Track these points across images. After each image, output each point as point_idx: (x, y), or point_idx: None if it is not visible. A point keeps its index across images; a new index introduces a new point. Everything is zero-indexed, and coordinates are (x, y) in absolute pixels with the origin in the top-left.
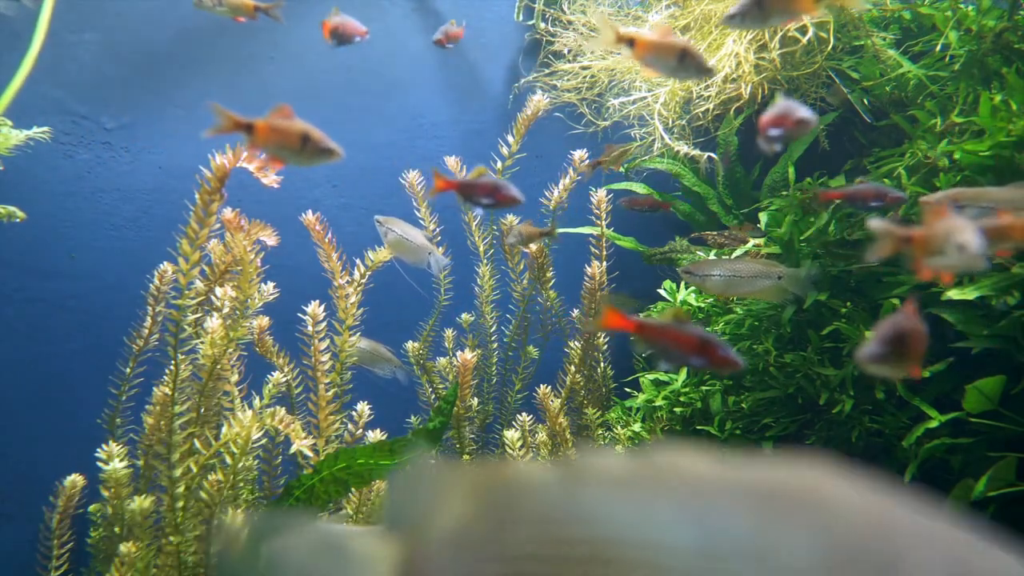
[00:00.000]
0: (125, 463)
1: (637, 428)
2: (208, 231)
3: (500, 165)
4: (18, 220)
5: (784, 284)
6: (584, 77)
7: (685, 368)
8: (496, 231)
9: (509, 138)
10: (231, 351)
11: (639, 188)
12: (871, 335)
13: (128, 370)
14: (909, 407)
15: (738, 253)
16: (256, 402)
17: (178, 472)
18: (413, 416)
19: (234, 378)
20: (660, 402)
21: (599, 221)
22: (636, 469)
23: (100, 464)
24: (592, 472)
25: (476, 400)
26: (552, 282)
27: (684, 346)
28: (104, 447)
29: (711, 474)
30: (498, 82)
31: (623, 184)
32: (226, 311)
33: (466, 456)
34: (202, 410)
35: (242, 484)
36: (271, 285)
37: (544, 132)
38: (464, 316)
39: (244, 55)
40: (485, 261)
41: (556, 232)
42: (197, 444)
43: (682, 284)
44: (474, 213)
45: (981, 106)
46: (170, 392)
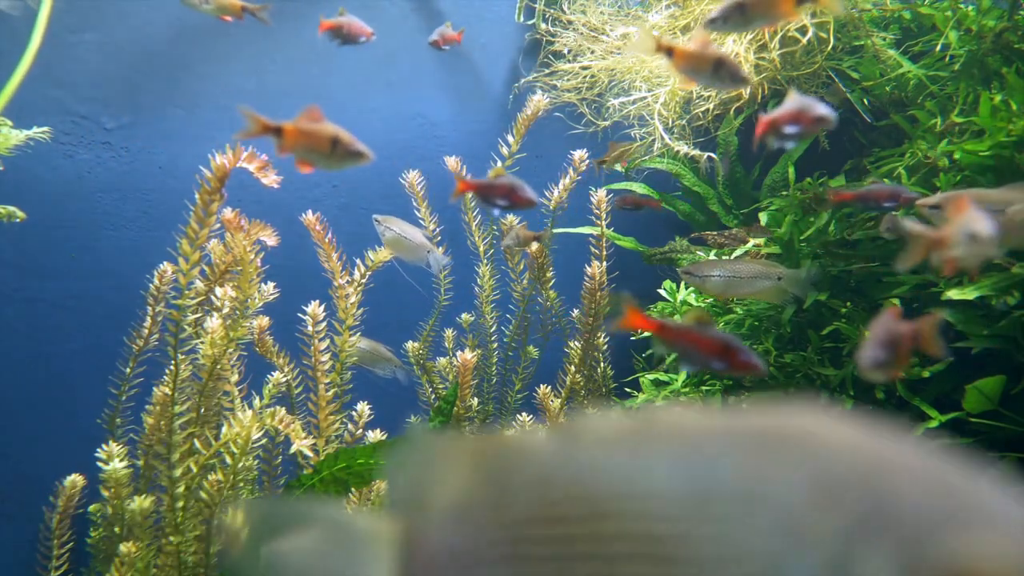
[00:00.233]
0: (125, 463)
1: None
2: (208, 231)
3: (500, 165)
4: (18, 220)
5: (784, 285)
6: (584, 77)
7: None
8: (496, 231)
9: (509, 138)
10: (231, 351)
11: (639, 188)
12: (867, 339)
13: (128, 370)
14: (909, 407)
15: (738, 253)
16: (256, 402)
17: (178, 472)
18: (413, 416)
19: (234, 378)
20: (660, 402)
21: (599, 221)
22: (628, 426)
23: (100, 464)
24: (586, 433)
25: (476, 400)
26: (552, 282)
27: (705, 349)
28: (104, 447)
29: (700, 424)
30: (498, 82)
31: (623, 184)
32: (226, 311)
33: None
34: (202, 410)
35: (242, 484)
36: (271, 285)
37: (544, 132)
38: (464, 316)
39: (245, 55)
40: (485, 261)
41: (549, 236)
42: (197, 444)
43: (682, 284)
44: (493, 214)
45: (981, 106)
46: (170, 392)
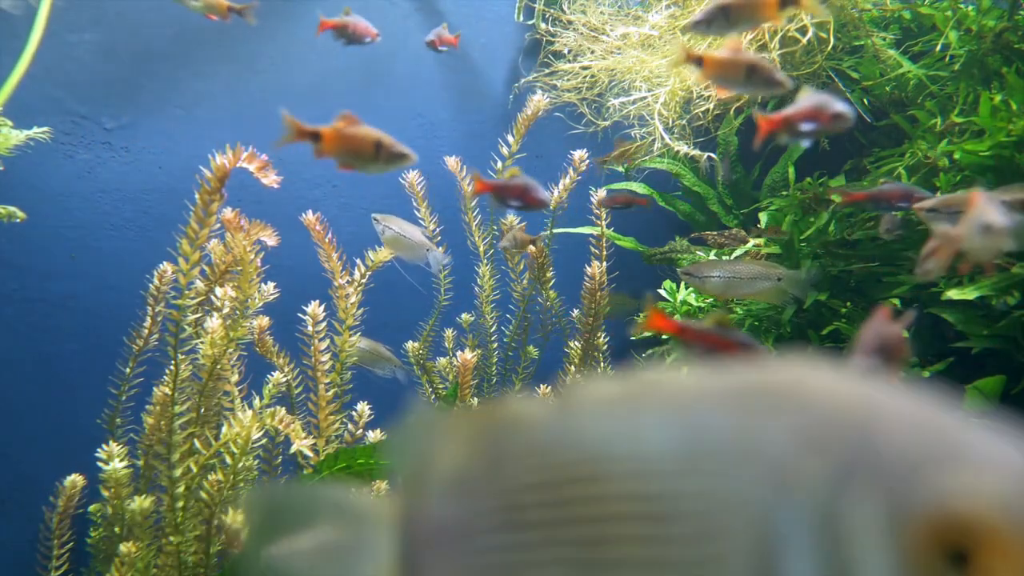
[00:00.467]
0: (125, 463)
1: None
2: (208, 231)
3: (500, 165)
4: (18, 220)
5: (783, 285)
6: (584, 77)
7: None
8: (496, 231)
9: (509, 138)
10: (231, 351)
11: (639, 188)
12: (857, 346)
13: (128, 370)
14: None
15: (738, 253)
16: (256, 402)
17: (178, 472)
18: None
19: (234, 378)
20: None
21: (599, 221)
22: (620, 390)
23: (100, 464)
24: (579, 399)
25: (476, 400)
26: (552, 282)
27: (725, 352)
28: (104, 447)
29: (690, 383)
30: (498, 82)
31: (623, 184)
32: (226, 311)
33: None
34: (202, 410)
35: (242, 484)
36: (271, 285)
37: (544, 132)
38: (464, 316)
39: (245, 55)
40: (485, 261)
41: (543, 240)
42: (197, 444)
43: (682, 284)
44: (503, 214)
45: (981, 106)
46: (170, 392)
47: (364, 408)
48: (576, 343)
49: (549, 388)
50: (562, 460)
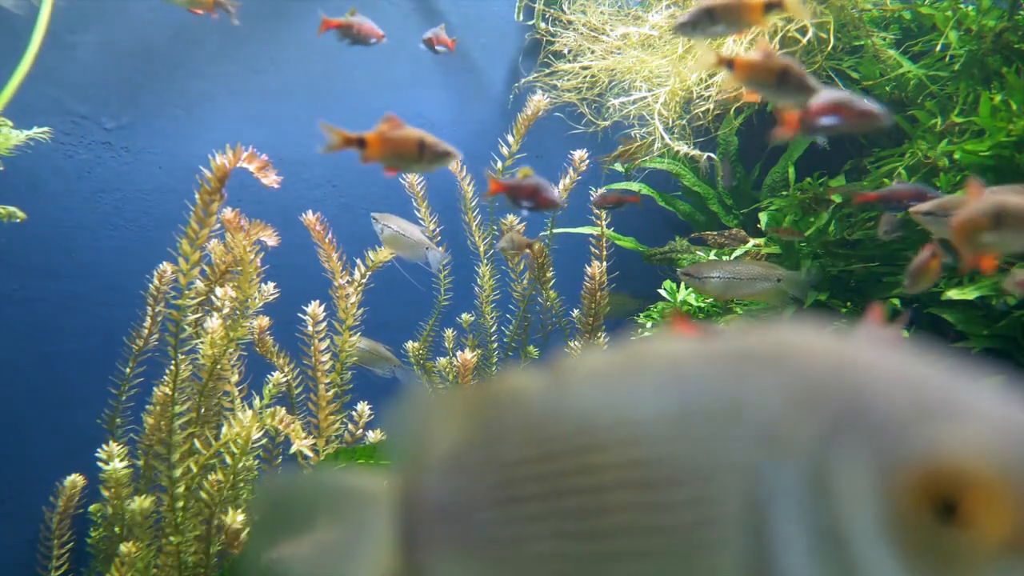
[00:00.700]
0: (125, 463)
1: None
2: (208, 231)
3: (500, 165)
4: (18, 220)
5: (783, 286)
6: (584, 77)
7: None
8: (496, 231)
9: (509, 138)
10: (231, 351)
11: (639, 188)
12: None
13: (128, 370)
14: None
15: (738, 253)
16: (256, 402)
17: (178, 472)
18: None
19: (234, 378)
20: None
21: (599, 221)
22: (614, 360)
23: (100, 464)
24: (574, 371)
25: None
26: (552, 282)
27: None
28: (104, 447)
29: (684, 349)
30: (498, 82)
31: (623, 184)
32: (226, 311)
33: None
34: (202, 410)
35: (242, 484)
36: (271, 285)
37: (544, 132)
38: (464, 316)
39: (245, 55)
40: (485, 261)
41: (541, 240)
42: (197, 444)
43: (682, 284)
44: (508, 215)
45: (981, 106)
46: (170, 392)
47: (364, 408)
48: (576, 343)
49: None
50: (555, 432)
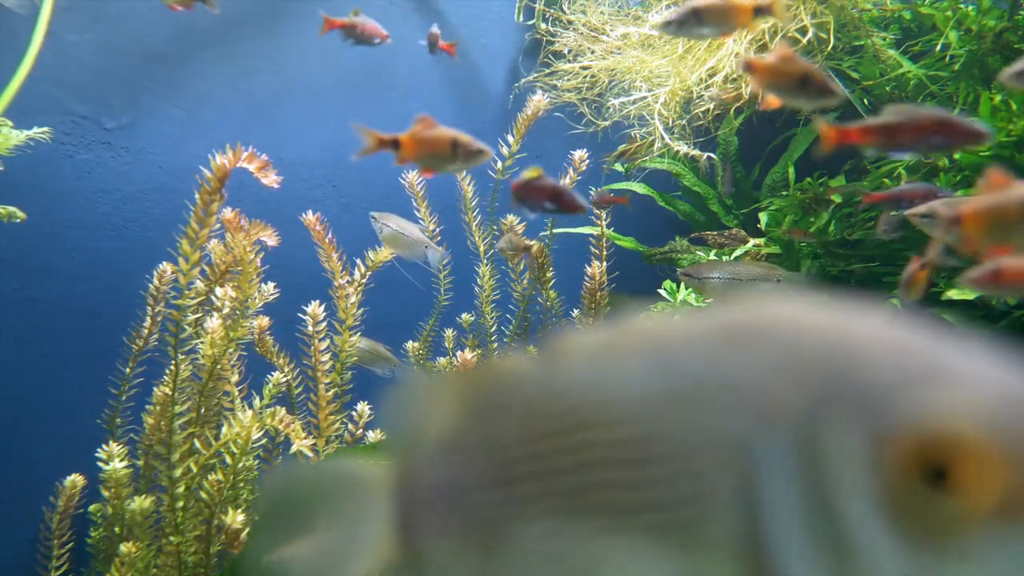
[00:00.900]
0: (125, 463)
1: None
2: (208, 231)
3: (500, 165)
4: (18, 220)
5: (783, 287)
6: (584, 77)
7: None
8: (496, 231)
9: (509, 138)
10: (231, 351)
11: (639, 188)
12: None
13: (128, 370)
14: None
15: (738, 254)
16: (256, 402)
17: (178, 472)
18: None
19: (234, 378)
20: None
21: (599, 221)
22: (606, 338)
23: (100, 464)
24: (567, 350)
25: None
26: (552, 282)
27: None
28: (104, 447)
29: (674, 325)
30: (498, 82)
31: (623, 184)
32: (226, 311)
33: None
34: (202, 410)
35: (242, 484)
36: (271, 285)
37: (544, 132)
38: (464, 316)
39: (245, 55)
40: (485, 261)
41: (541, 241)
42: (197, 444)
43: (682, 284)
44: (508, 215)
45: (981, 106)
46: (170, 392)
47: (364, 408)
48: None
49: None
50: (548, 412)
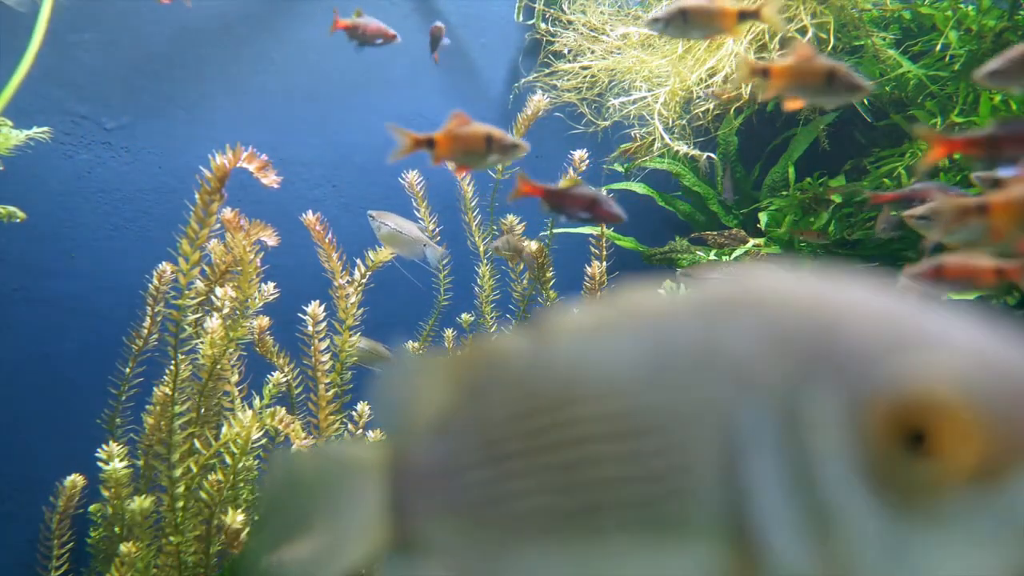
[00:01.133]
0: (125, 463)
1: None
2: (208, 231)
3: (500, 165)
4: (18, 220)
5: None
6: (584, 77)
7: None
8: (496, 231)
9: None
10: (231, 351)
11: (638, 188)
12: None
13: (128, 370)
14: None
15: (738, 254)
16: (256, 402)
17: (178, 472)
18: None
19: (234, 378)
20: None
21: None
22: (595, 314)
23: (100, 464)
24: (556, 328)
25: None
26: (552, 282)
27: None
28: (104, 447)
29: (662, 300)
30: (498, 82)
31: (623, 184)
32: (226, 311)
33: None
34: (202, 410)
35: (242, 484)
36: (271, 285)
37: (544, 132)
38: (464, 316)
39: (245, 55)
40: (485, 261)
41: (537, 244)
42: (197, 444)
43: (682, 285)
44: (508, 215)
45: (981, 106)
46: (170, 392)
47: (364, 408)
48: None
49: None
50: (537, 389)
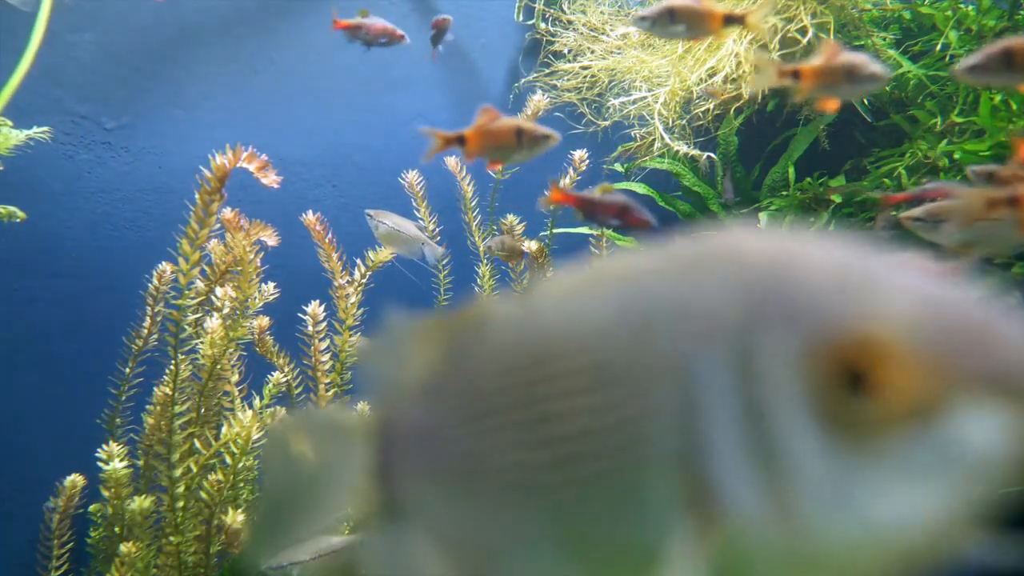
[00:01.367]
0: (125, 463)
1: None
2: (208, 231)
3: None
4: (18, 220)
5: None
6: (584, 77)
7: None
8: (496, 231)
9: None
10: (231, 351)
11: (638, 188)
12: None
13: (128, 370)
14: None
15: None
16: (256, 402)
17: (178, 472)
18: None
19: (234, 378)
20: None
21: None
22: (577, 277)
23: (100, 464)
24: (541, 291)
25: None
26: None
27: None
28: (104, 447)
29: (636, 260)
30: (498, 82)
31: (623, 184)
32: (226, 311)
33: None
34: (202, 410)
35: (242, 484)
36: (271, 285)
37: None
38: None
39: (245, 55)
40: (485, 261)
41: (537, 244)
42: (197, 444)
43: None
44: (508, 215)
45: (981, 106)
46: (170, 392)
47: (364, 408)
48: None
49: None
50: (517, 348)
